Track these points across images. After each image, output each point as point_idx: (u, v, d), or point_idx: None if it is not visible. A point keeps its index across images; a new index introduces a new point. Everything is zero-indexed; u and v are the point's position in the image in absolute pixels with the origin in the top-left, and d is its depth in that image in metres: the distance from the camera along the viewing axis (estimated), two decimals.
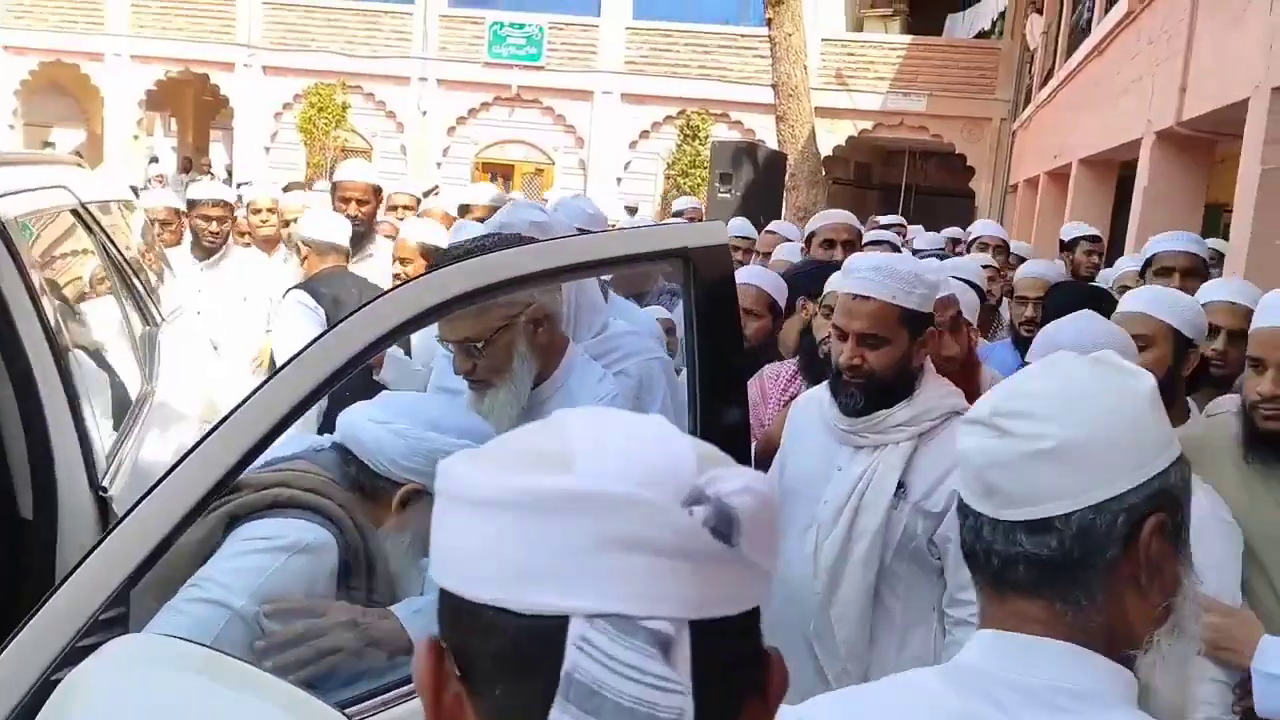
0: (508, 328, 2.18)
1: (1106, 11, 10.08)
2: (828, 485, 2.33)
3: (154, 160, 22.16)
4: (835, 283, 2.91)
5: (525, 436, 0.65)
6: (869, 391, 2.27)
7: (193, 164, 22.89)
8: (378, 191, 4.90)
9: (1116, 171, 10.36)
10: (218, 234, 5.01)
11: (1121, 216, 9.25)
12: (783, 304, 3.67)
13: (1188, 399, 2.59)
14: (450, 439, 1.73)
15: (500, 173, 21.11)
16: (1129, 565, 1.03)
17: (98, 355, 2.82)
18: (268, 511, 1.65)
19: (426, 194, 7.75)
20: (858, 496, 2.26)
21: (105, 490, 2.30)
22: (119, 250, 3.23)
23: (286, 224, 4.91)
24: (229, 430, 1.44)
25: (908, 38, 19.48)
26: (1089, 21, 11.28)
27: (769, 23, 13.02)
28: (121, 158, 21.78)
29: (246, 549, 1.61)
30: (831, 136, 19.20)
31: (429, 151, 21.03)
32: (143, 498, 1.38)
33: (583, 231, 3.13)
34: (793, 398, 2.88)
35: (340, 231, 3.94)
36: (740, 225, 6.82)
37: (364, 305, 1.58)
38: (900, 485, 2.24)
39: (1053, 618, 1.04)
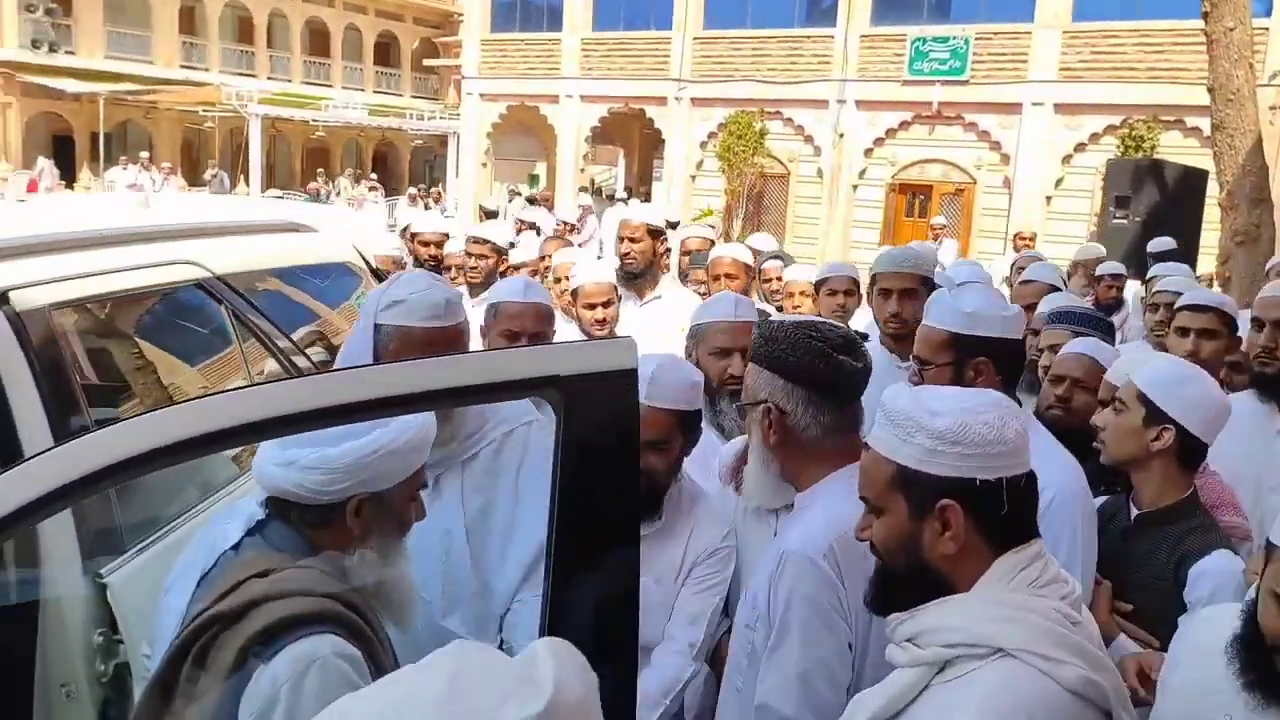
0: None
1: None
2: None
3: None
4: None
5: None
6: (877, 576, 1.67)
7: (589, 190, 24.21)
8: (654, 233, 4.87)
9: None
10: (435, 258, 5.70)
11: None
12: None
13: None
14: (354, 443, 1.70)
15: (917, 193, 20.28)
16: None
17: None
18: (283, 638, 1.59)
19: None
20: None
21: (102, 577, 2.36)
22: (266, 319, 3.35)
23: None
24: None
25: None
26: None
27: (1205, 16, 11.20)
28: (570, 187, 23.88)
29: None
30: None
31: (845, 174, 20.72)
32: None
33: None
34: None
35: None
36: (1111, 266, 5.92)
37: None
38: None
39: None
